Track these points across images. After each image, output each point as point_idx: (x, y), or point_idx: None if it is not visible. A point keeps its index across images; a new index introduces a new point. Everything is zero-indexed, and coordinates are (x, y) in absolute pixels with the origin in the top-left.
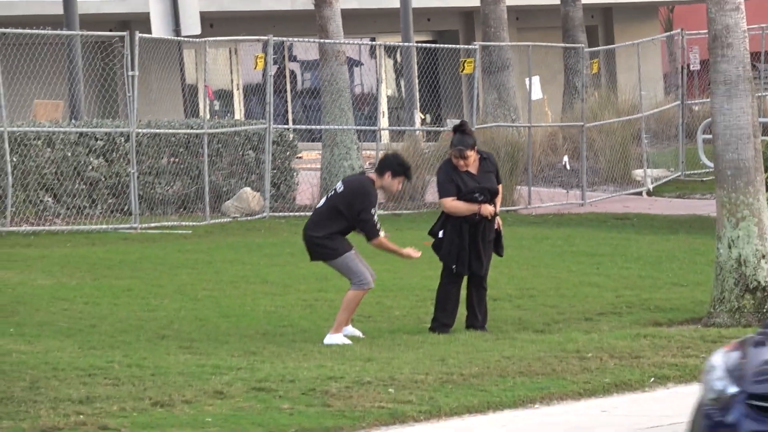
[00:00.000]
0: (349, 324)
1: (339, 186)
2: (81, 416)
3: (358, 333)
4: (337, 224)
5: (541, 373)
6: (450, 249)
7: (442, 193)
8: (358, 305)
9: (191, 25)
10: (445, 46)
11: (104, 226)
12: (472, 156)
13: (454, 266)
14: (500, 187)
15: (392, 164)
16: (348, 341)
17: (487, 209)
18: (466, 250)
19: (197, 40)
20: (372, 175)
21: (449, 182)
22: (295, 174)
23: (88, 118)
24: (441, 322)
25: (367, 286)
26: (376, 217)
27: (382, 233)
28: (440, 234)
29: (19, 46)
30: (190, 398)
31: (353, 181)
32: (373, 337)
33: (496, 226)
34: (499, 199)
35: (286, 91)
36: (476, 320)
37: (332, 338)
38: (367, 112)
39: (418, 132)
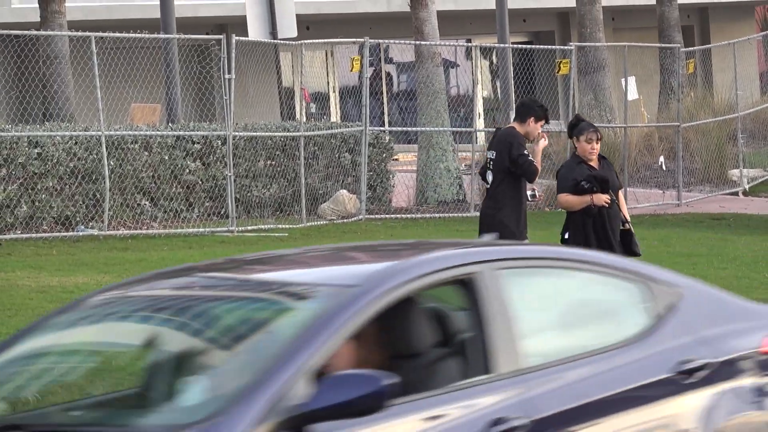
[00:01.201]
0: None
1: (490, 153)
2: None
3: None
4: (514, 186)
5: None
6: (574, 245)
7: (559, 188)
8: None
9: (288, 28)
10: (541, 47)
11: (201, 230)
12: (598, 145)
13: None
14: (621, 192)
15: (533, 108)
16: None
17: (600, 198)
18: (593, 244)
19: (294, 42)
20: (511, 124)
21: (566, 178)
22: (391, 176)
23: (185, 122)
24: None
25: None
26: (529, 155)
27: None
28: (566, 235)
29: (116, 49)
30: None
31: (500, 136)
32: None
33: (624, 227)
34: (623, 202)
35: (382, 93)
36: None
37: None
38: (463, 113)
39: None
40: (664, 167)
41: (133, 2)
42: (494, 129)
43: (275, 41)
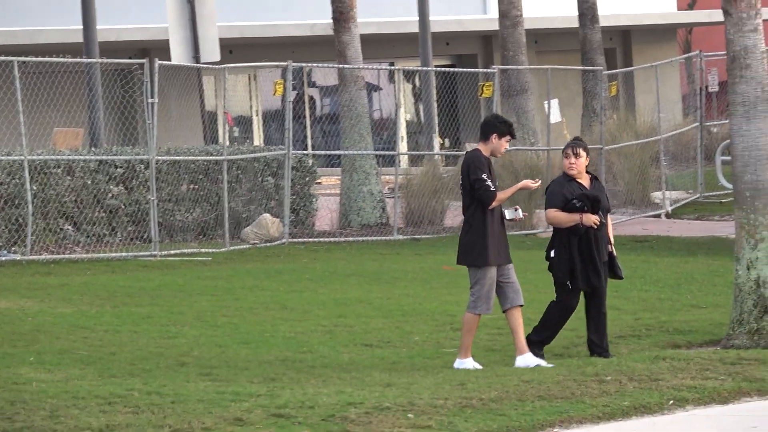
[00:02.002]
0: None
1: (460, 178)
2: None
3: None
4: (483, 210)
5: (560, 396)
6: (561, 266)
7: (547, 204)
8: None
9: (211, 52)
10: (464, 70)
11: (124, 254)
12: (583, 158)
13: (568, 282)
14: (609, 217)
15: (495, 125)
16: (478, 365)
17: (590, 218)
18: (578, 264)
19: (217, 66)
20: (478, 144)
21: (555, 194)
22: (314, 200)
23: (107, 146)
24: (541, 341)
25: (481, 311)
26: (487, 180)
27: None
28: (551, 253)
29: (39, 74)
30: (209, 426)
31: (464, 160)
32: (392, 362)
33: (609, 249)
34: (611, 228)
35: (305, 116)
36: (599, 346)
37: (461, 363)
38: (386, 136)
39: (437, 156)
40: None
41: (55, 27)
42: (463, 152)
43: (198, 65)
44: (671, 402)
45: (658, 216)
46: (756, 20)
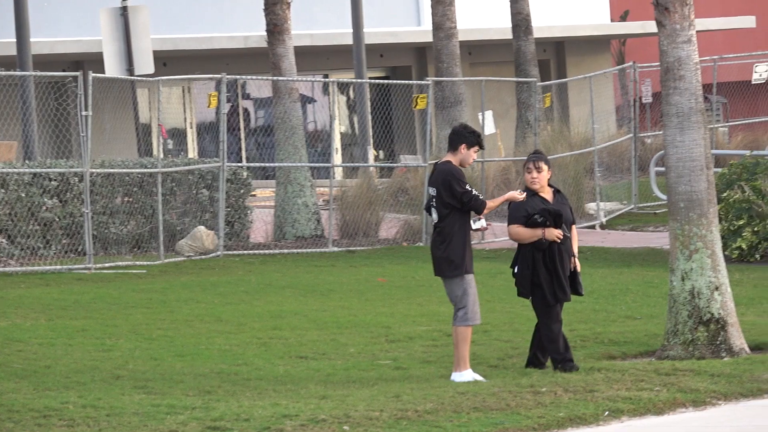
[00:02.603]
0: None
1: (431, 190)
2: None
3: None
4: (459, 221)
5: (496, 408)
6: (522, 281)
7: (509, 220)
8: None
9: (144, 64)
10: (398, 81)
11: (58, 267)
12: (545, 172)
13: (529, 297)
14: (574, 229)
15: (464, 135)
16: (479, 377)
17: (552, 233)
18: (544, 279)
19: (150, 79)
20: (446, 157)
21: (517, 209)
22: (249, 212)
23: (41, 159)
24: (558, 359)
25: (474, 322)
26: (473, 190)
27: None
28: (515, 269)
29: None
30: None
31: (438, 173)
32: (327, 374)
33: (572, 265)
34: (576, 240)
35: (239, 128)
36: (540, 362)
37: (460, 376)
38: (321, 148)
39: (371, 168)
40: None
41: None
42: (433, 163)
43: (132, 78)
44: (607, 413)
45: (593, 227)
46: (689, 31)
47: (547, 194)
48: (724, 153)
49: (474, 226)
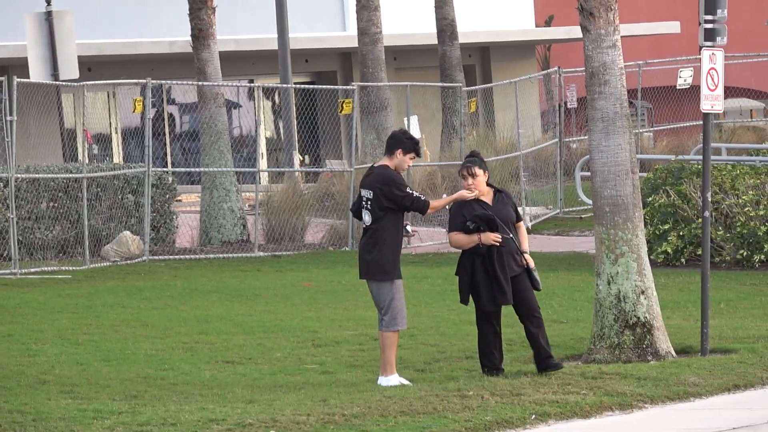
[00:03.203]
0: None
1: (365, 192)
2: None
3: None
4: (392, 224)
5: (423, 412)
6: (460, 287)
7: (449, 227)
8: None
9: (69, 70)
10: (323, 87)
11: None
12: (481, 177)
13: (467, 304)
14: (522, 224)
15: (402, 141)
16: (406, 381)
17: (489, 237)
18: (481, 284)
19: (75, 84)
20: (382, 160)
21: (455, 215)
22: (174, 217)
23: None
24: (482, 364)
25: (401, 327)
26: (414, 191)
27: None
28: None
29: None
30: None
31: (374, 176)
32: (254, 378)
33: (523, 262)
34: (524, 237)
35: (164, 134)
36: (546, 358)
37: (387, 381)
38: (246, 153)
39: (297, 173)
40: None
41: None
42: (369, 167)
43: (57, 83)
44: (533, 416)
45: None
46: (614, 36)
47: (487, 196)
48: (650, 158)
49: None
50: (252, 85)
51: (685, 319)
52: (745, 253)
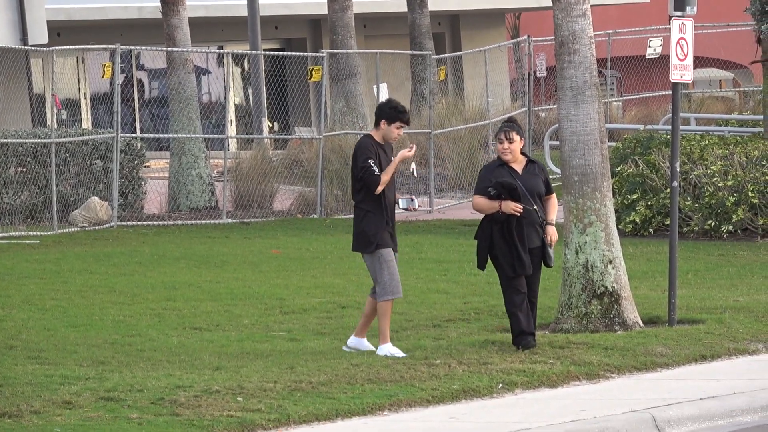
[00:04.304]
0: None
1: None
2: None
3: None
4: (372, 196)
5: (390, 380)
6: (478, 251)
7: (475, 189)
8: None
9: (38, 34)
10: (293, 54)
11: None
12: (517, 142)
13: (483, 269)
14: (553, 196)
15: (384, 111)
16: (400, 352)
17: (509, 206)
18: (501, 251)
19: (44, 49)
20: (372, 130)
21: (482, 179)
22: (143, 183)
23: None
24: (515, 332)
25: (391, 296)
26: (373, 165)
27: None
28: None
29: None
30: (38, 408)
31: (356, 145)
32: (221, 345)
33: (545, 236)
34: (553, 208)
35: (133, 99)
36: (529, 334)
37: (381, 349)
38: (215, 120)
39: (266, 140)
40: (415, 174)
41: None
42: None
43: (25, 47)
44: (500, 386)
45: None
46: (584, 5)
47: (519, 164)
48: (619, 127)
49: (402, 205)
50: (221, 51)
51: (653, 290)
52: (713, 224)
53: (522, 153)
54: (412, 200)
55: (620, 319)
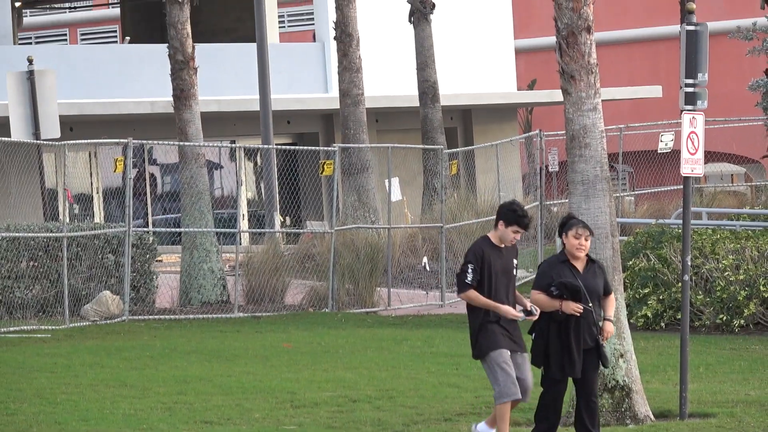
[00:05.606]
0: None
1: None
2: None
3: None
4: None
5: None
6: (535, 349)
7: (534, 284)
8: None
9: (51, 129)
10: (305, 147)
11: None
12: (589, 242)
13: (541, 367)
14: (611, 296)
15: (503, 212)
16: None
17: (569, 306)
18: (554, 351)
19: (57, 143)
20: (490, 231)
21: (544, 275)
22: (154, 277)
23: None
24: (537, 419)
25: (506, 398)
26: (470, 272)
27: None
28: (532, 335)
29: None
30: None
31: None
32: None
33: (599, 335)
34: (611, 306)
35: (146, 194)
36: None
37: None
38: (227, 214)
39: (278, 234)
40: (427, 268)
41: None
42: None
43: (38, 142)
44: None
45: None
46: (595, 100)
47: (581, 263)
48: (630, 221)
49: (519, 316)
50: (233, 145)
51: (665, 383)
52: (724, 318)
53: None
54: (531, 308)
55: (631, 413)
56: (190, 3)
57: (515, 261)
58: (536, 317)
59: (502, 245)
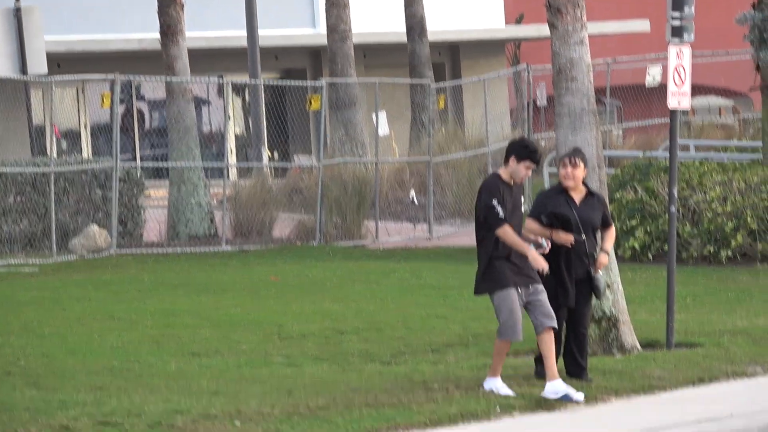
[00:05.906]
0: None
1: None
2: None
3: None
4: (487, 235)
5: (388, 404)
6: None
7: (530, 212)
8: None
9: (38, 65)
10: (293, 83)
11: None
12: (580, 169)
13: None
14: (611, 229)
15: (516, 148)
16: (508, 391)
17: (560, 236)
18: (549, 280)
19: (44, 79)
20: (499, 169)
21: (539, 204)
22: (142, 211)
23: None
24: (537, 360)
25: (504, 337)
26: (498, 207)
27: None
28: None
29: None
30: None
31: (482, 183)
32: (219, 371)
33: (591, 266)
34: (610, 238)
35: (133, 129)
36: (577, 367)
37: (488, 383)
38: (215, 149)
39: (265, 168)
40: (415, 201)
41: None
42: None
43: (25, 78)
44: (498, 409)
45: None
46: (581, 33)
47: (578, 194)
48: (617, 154)
49: (545, 267)
50: (221, 80)
51: (652, 314)
52: (712, 249)
53: (583, 183)
54: (543, 240)
55: (618, 343)
56: None
57: (522, 198)
58: (546, 251)
59: (512, 182)
